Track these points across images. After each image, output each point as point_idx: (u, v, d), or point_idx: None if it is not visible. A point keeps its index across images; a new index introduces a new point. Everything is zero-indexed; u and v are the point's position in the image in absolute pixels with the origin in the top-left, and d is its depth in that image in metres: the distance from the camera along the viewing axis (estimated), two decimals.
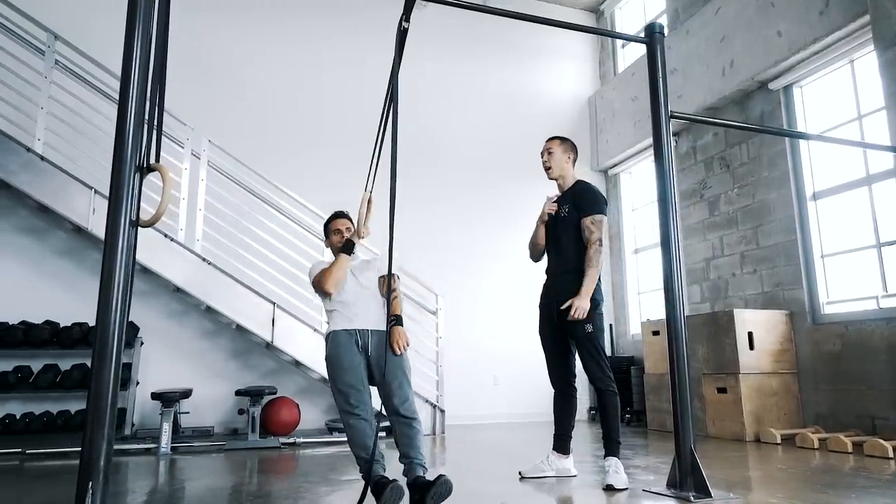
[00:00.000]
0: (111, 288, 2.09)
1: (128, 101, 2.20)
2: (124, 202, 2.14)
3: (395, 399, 2.62)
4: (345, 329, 2.76)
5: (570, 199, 3.33)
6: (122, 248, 2.10)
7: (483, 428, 6.14)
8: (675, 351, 2.94)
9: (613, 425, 3.07)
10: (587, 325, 3.12)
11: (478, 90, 7.47)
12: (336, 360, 2.70)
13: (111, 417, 2.04)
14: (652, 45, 3.09)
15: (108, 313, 2.07)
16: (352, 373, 2.65)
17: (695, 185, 6.39)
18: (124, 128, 2.18)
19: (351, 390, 2.61)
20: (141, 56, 2.25)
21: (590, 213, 3.23)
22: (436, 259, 6.73)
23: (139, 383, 5.33)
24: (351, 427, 2.58)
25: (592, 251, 3.13)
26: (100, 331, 2.03)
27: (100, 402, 2.02)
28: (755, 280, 5.59)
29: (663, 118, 3.02)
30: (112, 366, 2.05)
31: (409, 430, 2.60)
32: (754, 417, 4.82)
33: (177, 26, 6.25)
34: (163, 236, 5.02)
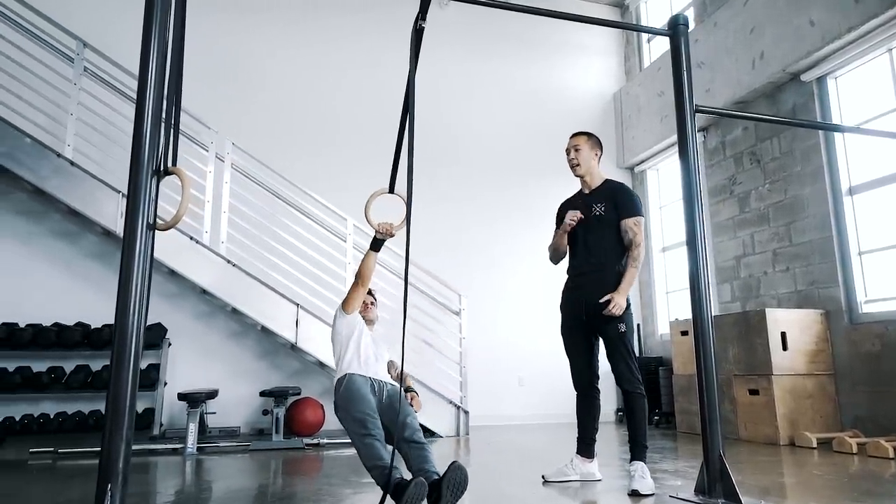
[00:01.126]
0: (129, 290, 2.10)
1: (145, 105, 2.21)
2: (141, 205, 2.14)
3: (406, 431, 2.66)
4: (360, 374, 2.85)
5: (605, 198, 3.24)
6: (140, 251, 2.11)
7: (507, 429, 6.08)
8: (702, 353, 2.85)
9: (640, 429, 2.99)
10: (620, 324, 3.05)
11: (501, 88, 7.41)
12: (352, 394, 2.74)
13: (130, 420, 2.06)
14: (675, 38, 3.00)
15: (126, 316, 2.08)
16: (367, 403, 2.70)
17: (724, 181, 6.22)
18: (141, 131, 2.19)
19: (367, 417, 2.63)
20: (157, 60, 2.26)
21: (632, 215, 3.18)
22: (459, 258, 6.69)
23: (167, 384, 5.41)
24: (366, 445, 2.57)
25: (637, 252, 3.13)
26: (118, 334, 2.04)
27: (118, 405, 2.04)
28: (788, 278, 5.41)
29: (688, 113, 2.93)
30: (130, 368, 2.06)
31: (422, 452, 2.60)
32: (788, 420, 4.67)
33: (199, 30, 6.32)
34: (188, 238, 5.09)
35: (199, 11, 6.39)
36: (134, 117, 2.19)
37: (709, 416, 2.78)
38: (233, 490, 3.23)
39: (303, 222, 5.68)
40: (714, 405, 2.82)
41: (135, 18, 6.06)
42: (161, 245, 5.00)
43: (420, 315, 5.83)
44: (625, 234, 3.16)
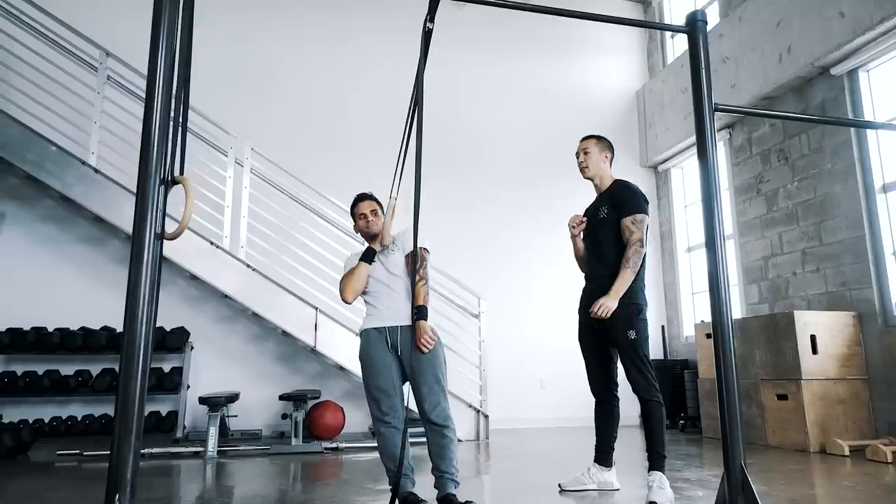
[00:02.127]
0: (137, 299, 2.09)
1: (152, 116, 2.20)
2: (149, 215, 2.14)
3: (425, 404, 2.54)
4: (374, 327, 2.70)
5: (609, 199, 3.18)
6: (148, 261, 2.11)
7: (529, 433, 6.01)
8: (722, 358, 2.74)
9: (658, 438, 2.91)
10: (630, 331, 2.96)
11: (521, 88, 7.33)
12: (367, 360, 2.65)
13: (138, 429, 2.05)
14: (693, 34, 2.89)
15: (134, 324, 2.07)
16: (383, 375, 2.58)
17: (751, 179, 6.05)
18: (149, 141, 2.20)
19: (382, 395, 2.55)
20: (164, 71, 2.26)
21: (630, 213, 3.07)
22: (479, 261, 6.64)
23: (190, 387, 5.48)
24: (381, 435, 2.53)
25: (631, 252, 2.98)
26: (126, 342, 2.04)
27: (126, 415, 2.03)
28: (818, 279, 5.24)
29: (707, 112, 2.82)
30: (139, 378, 2.05)
31: (441, 440, 2.51)
32: (819, 427, 4.51)
33: (217, 35, 6.43)
34: (209, 243, 5.14)
35: (217, 16, 6.49)
36: (142, 128, 2.21)
37: (729, 425, 2.67)
38: (244, 497, 3.24)
39: (321, 225, 5.69)
40: (735, 413, 2.71)
41: None
42: (182, 250, 5.10)
43: (439, 318, 5.80)
44: (623, 234, 3.06)
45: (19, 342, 5.16)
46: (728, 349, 2.77)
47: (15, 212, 5.73)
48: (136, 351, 2.13)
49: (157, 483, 3.62)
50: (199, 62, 6.28)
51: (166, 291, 5.84)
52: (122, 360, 2.08)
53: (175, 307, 5.81)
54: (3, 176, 5.50)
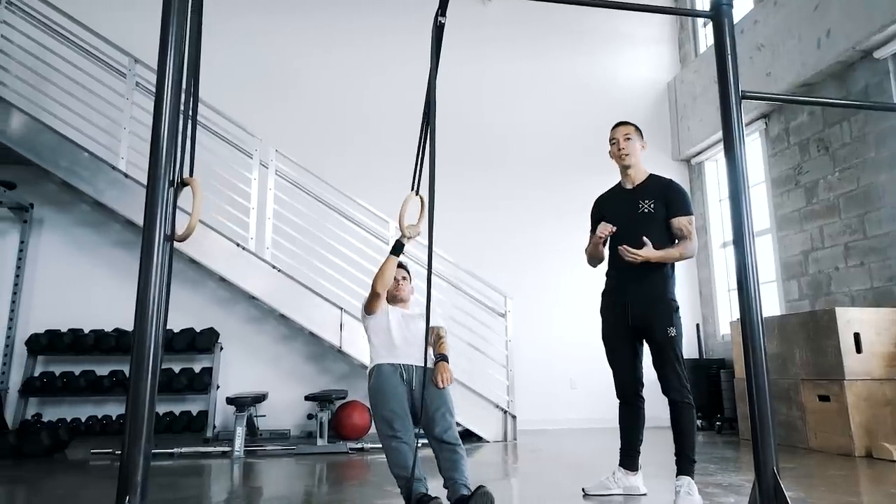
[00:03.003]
0: (147, 301, 2.09)
1: (161, 118, 2.21)
2: (158, 217, 2.14)
3: (437, 428, 2.56)
4: (389, 363, 2.76)
5: (653, 194, 3.05)
6: (157, 263, 2.11)
7: (558, 434, 5.90)
8: (752, 360, 2.59)
9: (688, 441, 2.79)
10: (670, 328, 2.85)
11: (547, 84, 7.20)
12: (380, 389, 2.68)
13: (148, 433, 2.05)
14: (718, 19, 2.75)
15: (144, 326, 2.07)
16: (396, 400, 2.62)
17: (789, 170, 5.80)
18: (158, 143, 2.19)
19: (395, 416, 2.55)
20: (174, 73, 2.26)
21: (684, 213, 2.99)
22: (506, 260, 6.55)
23: (219, 387, 5.56)
24: (392, 449, 2.50)
25: (689, 245, 2.95)
26: (136, 345, 2.03)
27: (136, 418, 2.03)
28: (862, 274, 4.98)
29: (733, 101, 2.68)
30: (149, 381, 2.05)
31: (453, 456, 2.50)
32: (864, 430, 4.28)
33: (241, 39, 6.51)
34: (235, 245, 5.20)
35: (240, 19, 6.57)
36: (151, 130, 2.21)
37: (760, 428, 2.53)
38: (264, 498, 3.24)
39: (345, 225, 5.69)
40: (766, 416, 2.56)
41: None
42: (210, 251, 5.16)
43: (465, 318, 5.74)
44: (677, 233, 2.95)
45: (57, 344, 5.32)
46: (758, 350, 2.63)
47: (53, 217, 5.91)
48: (146, 353, 2.12)
49: (181, 483, 3.67)
50: (223, 65, 6.42)
51: (197, 293, 5.94)
52: (133, 363, 2.08)
53: (205, 308, 5.90)
54: (41, 182, 5.67)
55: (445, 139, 6.79)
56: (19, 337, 5.51)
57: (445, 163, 6.65)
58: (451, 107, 6.86)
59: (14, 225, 5.76)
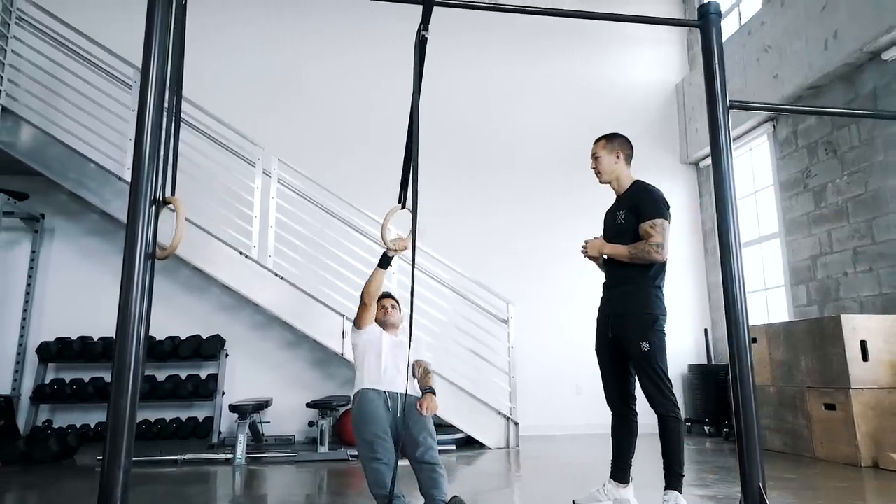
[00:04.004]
0: (128, 320, 2.12)
1: (143, 137, 2.24)
2: (140, 235, 2.18)
3: (418, 450, 2.58)
4: (374, 389, 2.79)
5: (627, 203, 3.03)
6: (139, 280, 2.14)
7: (563, 440, 5.86)
8: (738, 376, 2.56)
9: (675, 455, 2.75)
10: (643, 343, 2.82)
11: (553, 87, 7.17)
12: (363, 414, 2.71)
13: (128, 449, 2.08)
14: (706, 28, 2.74)
15: (125, 346, 2.10)
16: (378, 424, 2.65)
17: (797, 173, 5.71)
18: (140, 162, 2.23)
19: (377, 439, 2.57)
20: (156, 94, 2.29)
21: (649, 217, 2.91)
22: (512, 265, 6.54)
23: (225, 393, 5.62)
24: (372, 470, 2.52)
25: (646, 245, 2.84)
26: (117, 365, 2.06)
27: (116, 435, 2.05)
28: (871, 280, 4.88)
29: (721, 111, 2.66)
30: (129, 399, 2.08)
31: (433, 475, 2.51)
32: (871, 440, 4.19)
33: (243, 48, 6.58)
34: (238, 253, 5.25)
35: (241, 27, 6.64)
36: (133, 150, 2.25)
37: (746, 444, 2.49)
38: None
39: (347, 233, 5.72)
40: (753, 432, 2.53)
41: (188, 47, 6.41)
42: (213, 259, 5.22)
43: (468, 325, 5.74)
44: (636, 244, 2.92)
45: (66, 351, 5.43)
46: (745, 365, 2.60)
47: (64, 226, 6.03)
48: (126, 371, 2.15)
49: (178, 491, 3.71)
50: (226, 73, 6.50)
51: (203, 299, 6.02)
52: (113, 381, 2.11)
53: (211, 314, 5.98)
54: (52, 192, 5.79)
55: (448, 143, 6.83)
56: (31, 344, 5.64)
57: (447, 167, 6.72)
58: (454, 111, 6.88)
59: (26, 235, 5.89)
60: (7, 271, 5.82)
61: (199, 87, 5.99)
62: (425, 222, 5.62)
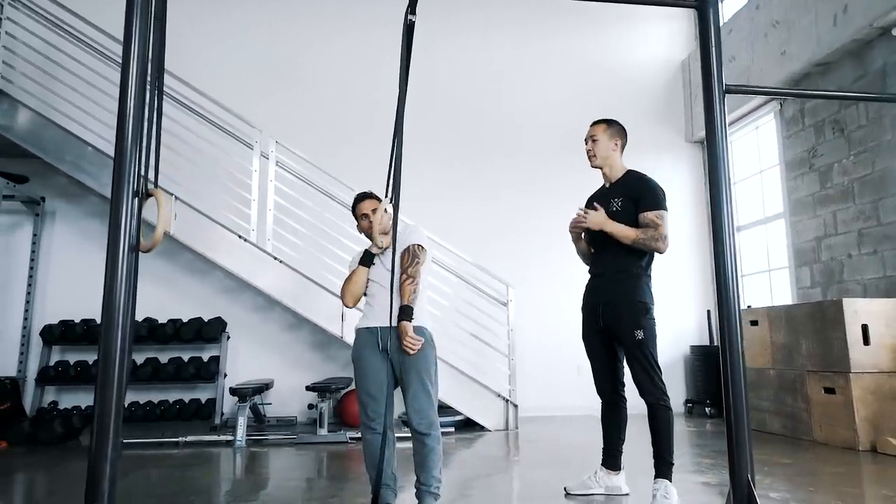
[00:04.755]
0: (112, 314, 2.11)
1: (125, 129, 2.21)
2: (122, 228, 2.16)
3: (409, 410, 2.48)
4: (367, 327, 2.61)
5: (622, 190, 2.98)
6: (122, 273, 2.13)
7: (564, 421, 5.89)
8: (730, 367, 2.52)
9: (664, 443, 2.75)
10: (637, 331, 2.80)
11: (555, 65, 7.03)
12: (358, 363, 2.59)
13: (115, 441, 2.09)
14: (703, 9, 2.63)
15: (110, 339, 2.10)
16: (372, 379, 2.50)
17: (803, 153, 5.60)
18: (122, 155, 2.20)
19: (369, 400, 2.50)
20: (136, 85, 2.25)
21: (652, 208, 2.87)
22: (513, 247, 6.50)
23: (227, 375, 5.68)
24: (366, 442, 2.50)
25: (654, 233, 2.80)
26: (102, 358, 2.07)
27: (103, 428, 2.06)
28: (875, 262, 4.81)
29: (716, 96, 2.57)
30: (115, 391, 2.07)
31: (422, 448, 2.44)
32: (870, 424, 4.17)
33: (242, 30, 6.49)
34: (237, 237, 5.25)
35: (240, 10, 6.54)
36: (115, 141, 2.22)
37: (736, 436, 2.47)
38: (256, 489, 3.31)
39: (346, 216, 5.68)
40: (742, 421, 2.50)
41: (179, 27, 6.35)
42: (215, 244, 5.23)
43: (467, 308, 5.73)
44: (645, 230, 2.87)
45: (69, 334, 5.48)
46: (736, 356, 2.55)
47: (65, 209, 6.05)
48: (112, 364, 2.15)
49: (174, 475, 3.77)
50: (226, 56, 6.42)
51: (205, 282, 6.05)
52: (99, 375, 2.11)
53: (213, 297, 6.01)
54: (52, 175, 5.79)
55: (448, 124, 6.75)
56: (35, 327, 5.70)
57: (447, 148, 6.65)
58: (454, 91, 6.78)
59: (27, 218, 5.91)
60: (9, 254, 5.86)
61: (199, 71, 5.95)
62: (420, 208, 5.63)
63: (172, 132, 5.45)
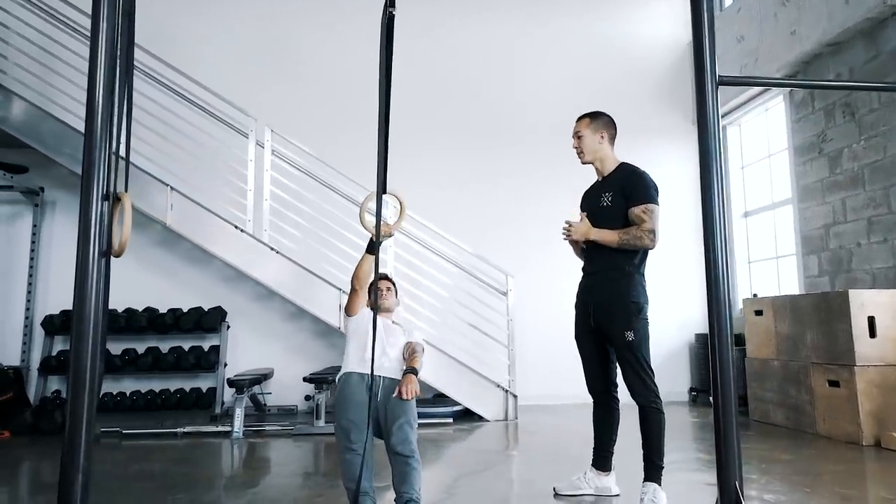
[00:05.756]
0: (84, 320, 2.08)
1: (93, 132, 2.16)
2: (93, 232, 2.12)
3: (393, 438, 2.51)
4: (358, 372, 2.71)
5: (614, 185, 2.88)
6: (93, 279, 2.09)
7: (566, 410, 5.84)
8: (719, 369, 2.44)
9: (655, 447, 2.69)
10: (627, 332, 2.72)
11: (558, 47, 6.86)
12: (342, 399, 2.65)
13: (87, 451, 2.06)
14: None
15: (81, 347, 2.06)
16: (357, 410, 2.56)
17: (812, 137, 5.42)
18: (91, 158, 2.15)
19: (352, 426, 2.52)
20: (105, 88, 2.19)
21: (641, 202, 2.77)
22: (514, 236, 6.40)
23: (227, 365, 5.70)
24: (346, 462, 2.49)
25: (638, 231, 2.72)
26: (73, 367, 2.03)
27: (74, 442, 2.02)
28: (885, 251, 4.66)
29: (709, 89, 2.43)
30: (86, 401, 2.04)
31: (405, 468, 2.45)
32: (874, 418, 4.08)
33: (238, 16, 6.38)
34: (234, 227, 5.22)
35: None
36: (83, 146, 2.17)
37: (725, 439, 2.39)
38: (245, 483, 3.32)
39: (343, 206, 5.63)
40: (731, 427, 2.41)
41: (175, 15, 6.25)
42: (212, 235, 5.20)
43: (466, 298, 5.67)
44: (634, 223, 2.77)
45: (70, 324, 5.50)
46: (725, 356, 2.45)
47: (64, 199, 6.05)
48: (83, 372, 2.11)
49: (166, 469, 3.79)
50: (222, 44, 6.33)
51: (205, 272, 6.04)
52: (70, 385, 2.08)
53: (213, 287, 6.01)
54: (51, 166, 5.77)
55: (446, 109, 6.63)
56: (37, 317, 5.74)
57: (445, 134, 6.54)
58: (453, 74, 6.65)
59: (27, 208, 5.93)
60: (10, 245, 5.89)
61: (195, 59, 5.88)
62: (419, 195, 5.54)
63: (168, 122, 5.43)
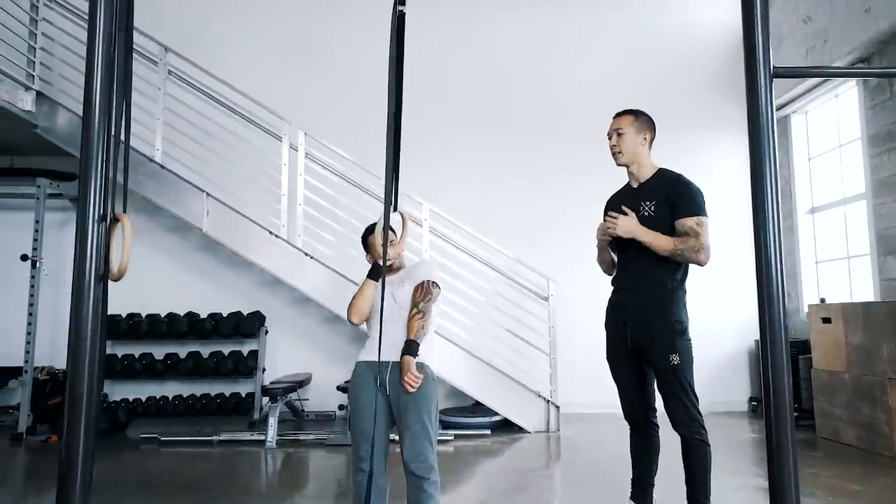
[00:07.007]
0: (80, 348, 1.98)
1: (90, 149, 2.06)
2: (89, 255, 2.03)
3: (406, 452, 2.27)
4: (365, 361, 2.43)
5: (656, 193, 2.57)
6: (89, 303, 2.00)
7: (611, 420, 5.51)
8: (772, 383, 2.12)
9: (699, 484, 2.40)
10: (672, 355, 2.43)
11: (604, 36, 6.49)
12: (353, 399, 2.43)
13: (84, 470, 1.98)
14: None
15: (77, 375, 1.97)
16: (366, 417, 2.32)
17: (891, 125, 4.89)
18: (87, 178, 2.05)
19: (362, 439, 2.32)
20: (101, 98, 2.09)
21: (692, 213, 2.47)
22: (557, 237, 6.08)
23: (265, 370, 5.68)
24: (356, 484, 2.32)
25: (695, 243, 2.41)
26: (70, 395, 1.95)
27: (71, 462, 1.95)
28: None
29: (762, 82, 2.08)
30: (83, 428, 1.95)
31: (419, 494, 2.23)
32: None
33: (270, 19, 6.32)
34: (268, 233, 5.17)
35: None
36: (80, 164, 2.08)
37: (779, 469, 2.10)
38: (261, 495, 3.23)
39: (377, 208, 5.49)
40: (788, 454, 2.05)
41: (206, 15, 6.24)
42: (247, 240, 5.18)
43: (504, 303, 5.45)
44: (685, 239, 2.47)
45: (115, 329, 5.62)
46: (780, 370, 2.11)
47: None
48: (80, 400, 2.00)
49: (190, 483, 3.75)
50: (253, 45, 6.28)
51: (243, 276, 6.05)
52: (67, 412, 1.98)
53: (252, 291, 6.01)
54: None
55: (484, 106, 6.37)
56: None
57: (483, 130, 6.29)
58: (492, 68, 6.39)
59: (74, 215, 6.07)
60: (61, 251, 6.05)
61: (226, 63, 5.86)
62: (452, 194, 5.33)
63: (203, 127, 5.43)
